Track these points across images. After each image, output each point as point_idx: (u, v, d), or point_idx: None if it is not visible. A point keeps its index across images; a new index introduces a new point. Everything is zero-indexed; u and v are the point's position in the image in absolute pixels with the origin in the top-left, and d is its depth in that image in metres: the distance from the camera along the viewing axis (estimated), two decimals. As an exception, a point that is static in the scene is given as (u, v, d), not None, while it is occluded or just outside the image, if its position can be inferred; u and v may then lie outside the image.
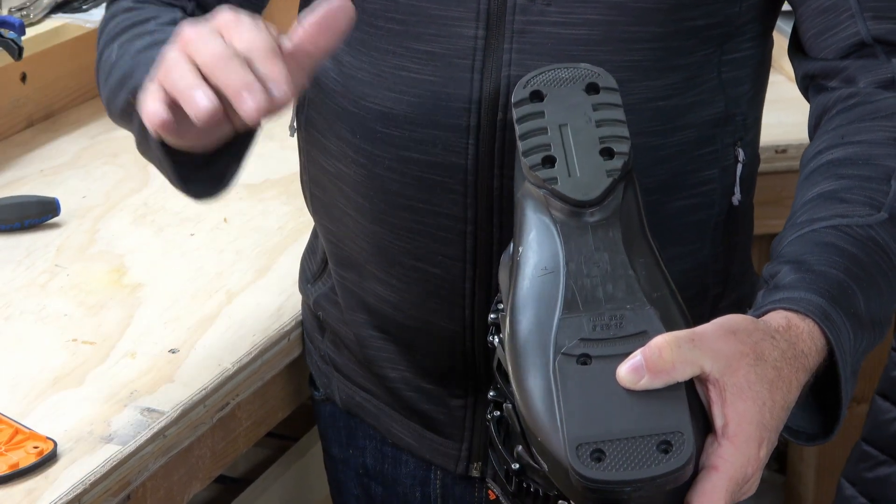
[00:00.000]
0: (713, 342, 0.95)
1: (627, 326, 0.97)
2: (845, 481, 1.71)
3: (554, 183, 1.03)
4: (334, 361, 1.41)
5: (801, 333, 0.99)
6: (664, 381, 0.93)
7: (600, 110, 1.06)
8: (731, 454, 0.93)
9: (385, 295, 1.29)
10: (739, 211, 1.29)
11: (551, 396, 0.94)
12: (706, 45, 1.21)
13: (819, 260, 1.04)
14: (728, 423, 0.94)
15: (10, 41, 1.80)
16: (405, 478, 1.39)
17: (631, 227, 1.03)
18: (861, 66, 1.18)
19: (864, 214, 1.07)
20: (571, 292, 0.99)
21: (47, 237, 1.66)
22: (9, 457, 1.25)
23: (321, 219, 1.35)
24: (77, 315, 1.49)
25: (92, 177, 1.83)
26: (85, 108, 2.05)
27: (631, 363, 0.94)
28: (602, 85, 1.07)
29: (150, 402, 1.35)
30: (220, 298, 1.53)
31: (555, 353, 0.96)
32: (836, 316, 1.01)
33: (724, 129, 1.24)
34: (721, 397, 0.94)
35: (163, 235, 1.67)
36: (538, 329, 0.98)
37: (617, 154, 1.04)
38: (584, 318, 0.98)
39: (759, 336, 0.97)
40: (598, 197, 1.02)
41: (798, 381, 0.98)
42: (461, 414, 1.31)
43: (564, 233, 1.02)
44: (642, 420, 0.93)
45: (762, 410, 0.95)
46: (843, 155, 1.12)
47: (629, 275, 1.00)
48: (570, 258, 1.01)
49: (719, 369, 0.94)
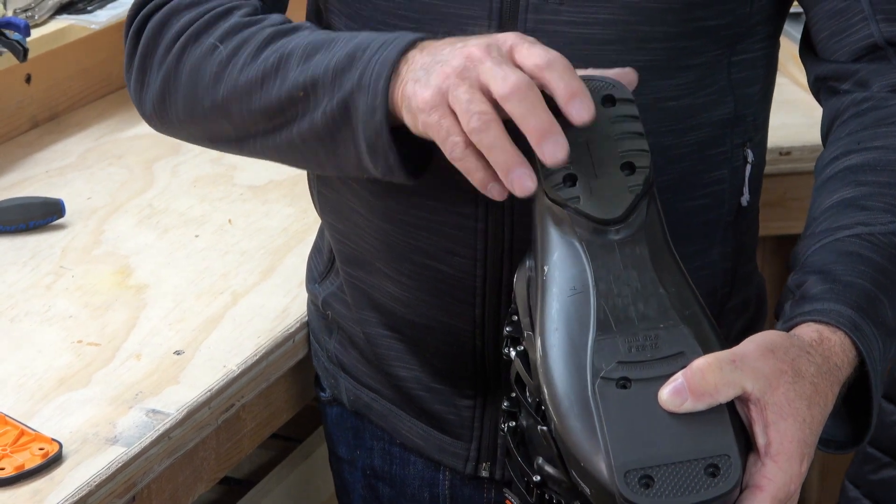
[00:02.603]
0: (753, 362, 0.95)
1: (663, 347, 0.97)
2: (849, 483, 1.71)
3: (577, 202, 1.02)
4: (342, 362, 1.41)
5: (834, 346, 1.00)
6: (707, 404, 0.94)
7: (618, 123, 1.05)
8: (775, 473, 0.94)
9: (395, 293, 1.29)
10: (747, 211, 1.29)
11: (592, 421, 0.94)
12: (717, 46, 1.21)
13: (845, 270, 1.04)
14: (771, 442, 0.95)
15: (15, 42, 1.81)
16: (413, 479, 1.39)
17: (656, 243, 1.03)
18: (874, 69, 1.18)
19: (885, 222, 1.08)
20: (604, 313, 0.98)
21: (52, 238, 1.67)
22: (14, 458, 1.25)
23: (329, 218, 1.35)
24: (82, 316, 1.49)
25: (97, 178, 1.83)
26: (90, 109, 2.05)
27: (673, 386, 0.94)
28: (618, 97, 1.06)
29: (155, 403, 1.35)
30: (225, 300, 1.53)
31: (593, 376, 0.96)
32: (866, 327, 1.02)
33: (734, 129, 1.24)
34: (763, 417, 0.95)
35: (168, 237, 1.67)
36: (573, 352, 0.97)
37: (638, 169, 1.03)
38: (619, 340, 0.97)
39: (796, 353, 0.98)
40: (622, 214, 1.02)
41: (833, 394, 0.99)
42: (470, 414, 1.31)
43: (591, 252, 1.01)
44: (688, 444, 0.93)
45: (802, 427, 0.96)
46: (860, 161, 1.13)
47: (660, 293, 1.00)
48: (599, 277, 1.00)
49: (760, 389, 0.95)
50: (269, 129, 1.18)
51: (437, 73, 1.04)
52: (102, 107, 2.06)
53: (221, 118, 1.21)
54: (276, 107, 1.16)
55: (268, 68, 1.16)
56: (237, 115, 1.19)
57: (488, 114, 1.01)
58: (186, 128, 1.26)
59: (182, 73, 1.22)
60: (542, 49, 1.03)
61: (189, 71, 1.22)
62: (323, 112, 1.13)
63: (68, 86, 2.03)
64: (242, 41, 1.19)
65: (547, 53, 1.02)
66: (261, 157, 1.24)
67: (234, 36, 1.20)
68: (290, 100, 1.15)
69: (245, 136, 1.21)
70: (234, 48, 1.19)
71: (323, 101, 1.12)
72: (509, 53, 1.03)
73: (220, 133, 1.23)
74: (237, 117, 1.20)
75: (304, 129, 1.15)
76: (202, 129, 1.24)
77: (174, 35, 1.23)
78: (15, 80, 1.93)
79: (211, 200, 1.76)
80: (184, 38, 1.23)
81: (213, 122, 1.22)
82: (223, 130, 1.22)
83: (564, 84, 1.01)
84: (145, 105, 1.27)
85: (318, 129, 1.14)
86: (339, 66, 1.11)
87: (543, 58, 1.02)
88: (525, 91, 1.00)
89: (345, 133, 1.12)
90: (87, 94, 2.06)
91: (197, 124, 1.24)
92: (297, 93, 1.14)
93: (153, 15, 1.26)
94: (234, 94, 1.19)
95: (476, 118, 1.01)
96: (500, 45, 1.03)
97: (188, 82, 1.22)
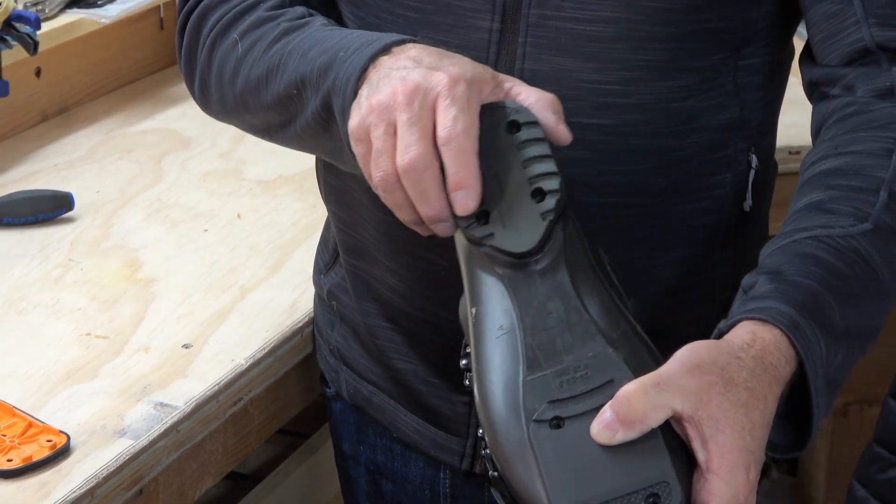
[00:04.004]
0: (679, 380, 0.94)
1: (593, 377, 0.96)
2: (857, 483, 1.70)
3: (492, 239, 1.01)
4: (343, 355, 1.41)
5: (768, 345, 0.99)
6: (640, 431, 0.93)
7: (525, 148, 1.04)
8: (720, 487, 0.93)
9: (394, 284, 1.29)
10: (751, 218, 1.28)
11: (531, 467, 0.94)
12: (722, 49, 1.20)
13: (795, 271, 1.03)
14: (711, 457, 0.94)
15: (26, 35, 1.81)
16: (415, 476, 1.39)
17: (578, 266, 1.01)
18: (861, 73, 1.17)
19: (846, 225, 1.06)
20: (531, 350, 0.98)
21: (61, 231, 1.67)
22: (22, 450, 1.25)
23: (333, 206, 1.35)
24: (91, 309, 1.50)
25: (106, 172, 1.83)
26: (99, 103, 2.05)
27: (602, 420, 0.94)
28: (522, 121, 1.04)
29: (163, 396, 1.35)
30: (234, 294, 1.53)
31: (527, 420, 0.95)
32: (807, 326, 1.00)
33: (738, 133, 1.24)
34: (699, 432, 0.94)
35: (176, 231, 1.67)
36: (507, 395, 0.97)
37: (548, 193, 1.02)
38: (550, 376, 0.96)
39: (725, 361, 0.96)
40: (537, 245, 1.00)
41: (773, 394, 0.98)
42: (465, 410, 1.31)
43: (513, 286, 1.00)
44: (626, 476, 0.92)
45: (742, 435, 0.94)
46: (833, 165, 1.12)
47: (585, 319, 0.99)
48: (524, 313, 0.99)
49: (691, 406, 0.94)
50: (280, 124, 1.20)
51: (366, 103, 1.05)
52: (112, 101, 2.06)
53: (244, 111, 1.24)
54: (278, 103, 1.18)
55: (272, 65, 1.18)
56: (253, 108, 1.22)
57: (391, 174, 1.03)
58: (226, 118, 1.30)
59: (213, 68, 1.25)
60: (452, 117, 1.02)
61: (217, 66, 1.25)
62: (312, 110, 1.14)
63: (78, 80, 2.03)
64: (258, 38, 1.21)
65: (454, 125, 1.02)
66: (291, 147, 1.26)
67: (252, 32, 1.22)
68: (287, 97, 1.17)
69: (267, 128, 1.24)
70: (250, 44, 1.21)
71: (311, 99, 1.14)
72: (432, 105, 1.03)
73: (249, 124, 1.26)
74: (254, 111, 1.22)
75: (303, 125, 1.17)
76: (236, 119, 1.28)
77: (208, 30, 1.26)
78: (25, 74, 1.93)
79: (220, 195, 1.76)
80: (214, 33, 1.25)
81: (240, 114, 1.25)
82: (250, 122, 1.25)
83: (454, 172, 1.02)
84: (195, 96, 1.31)
85: (312, 125, 1.16)
86: (323, 66, 1.12)
87: (447, 131, 1.02)
88: (419, 174, 1.02)
89: (336, 129, 1.13)
90: (97, 88, 2.06)
91: (230, 115, 1.28)
92: (292, 90, 1.16)
93: (194, 10, 1.29)
94: (247, 89, 1.21)
95: (380, 174, 1.04)
96: (428, 92, 1.03)
97: (217, 76, 1.25)
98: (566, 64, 1.17)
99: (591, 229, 1.19)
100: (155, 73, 2.16)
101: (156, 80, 2.14)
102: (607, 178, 1.20)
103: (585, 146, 1.18)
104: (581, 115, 1.17)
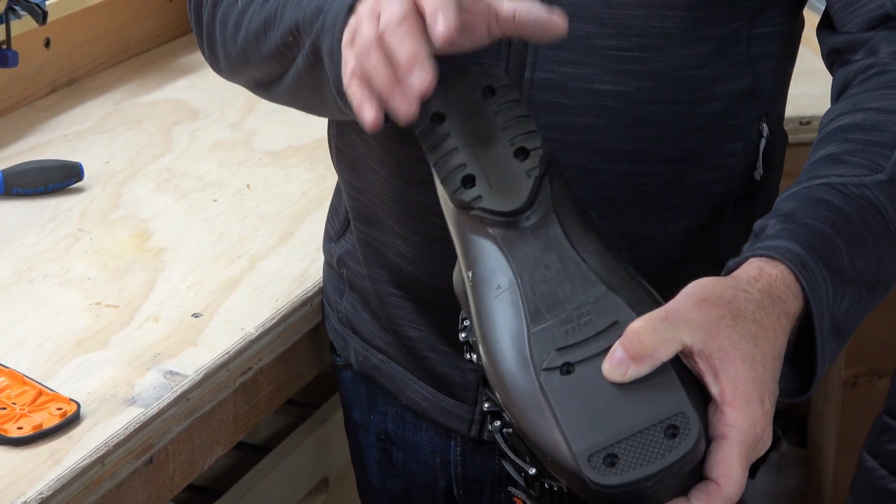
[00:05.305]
0: (687, 314, 0.95)
1: (597, 322, 0.97)
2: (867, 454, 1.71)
3: (480, 201, 1.02)
4: (352, 323, 1.41)
5: (775, 280, 0.99)
6: (650, 366, 0.93)
7: (502, 112, 1.05)
8: (736, 419, 0.93)
9: (404, 251, 1.29)
10: (762, 186, 1.28)
11: (547, 416, 0.94)
12: (737, 18, 1.20)
13: (807, 213, 1.04)
14: (724, 388, 0.94)
15: (35, 6, 1.81)
16: (425, 444, 1.39)
17: (569, 218, 1.02)
18: (884, 37, 1.17)
19: (861, 175, 1.07)
20: (532, 303, 0.98)
21: (71, 201, 1.67)
22: (33, 418, 1.25)
23: (345, 173, 1.35)
24: (100, 279, 1.50)
25: (115, 142, 1.83)
26: (109, 73, 2.05)
27: (613, 357, 0.94)
28: (497, 85, 1.06)
29: (172, 365, 1.35)
30: (244, 263, 1.53)
31: (536, 371, 0.96)
32: (814, 265, 1.01)
33: (750, 102, 1.24)
34: (710, 365, 0.94)
35: (186, 201, 1.67)
36: (512, 351, 0.97)
37: (531, 151, 1.03)
38: (554, 325, 0.97)
39: (731, 294, 0.97)
40: (526, 201, 1.01)
41: (782, 326, 0.98)
42: (474, 377, 1.31)
43: (507, 245, 1.01)
44: (642, 411, 0.93)
45: (754, 366, 0.95)
46: (852, 121, 1.12)
47: (582, 268, 1.00)
48: (521, 269, 1.00)
49: (700, 339, 0.94)
50: (278, 75, 1.21)
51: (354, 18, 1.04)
52: (121, 71, 2.06)
53: (247, 65, 1.24)
54: (276, 53, 1.18)
55: (269, 16, 1.18)
56: (255, 61, 1.22)
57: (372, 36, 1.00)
58: (233, 76, 1.30)
59: (217, 24, 1.26)
60: None
61: (220, 22, 1.25)
62: (303, 56, 1.14)
63: (87, 50, 2.03)
64: None
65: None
66: (290, 105, 1.26)
67: None
68: (284, 45, 1.17)
69: (268, 82, 1.23)
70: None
71: (304, 45, 1.14)
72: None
73: (254, 79, 1.26)
74: (256, 64, 1.22)
75: (295, 74, 1.17)
76: (242, 75, 1.28)
77: None
78: (34, 44, 1.93)
79: (229, 165, 1.76)
80: None
81: (244, 68, 1.25)
82: (254, 76, 1.25)
83: (430, 4, 0.98)
84: (205, 55, 1.32)
85: (302, 73, 1.16)
86: (314, 9, 1.12)
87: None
88: (396, 24, 0.99)
89: (321, 76, 1.12)
90: (106, 58, 2.06)
91: (236, 72, 1.28)
92: (287, 38, 1.16)
93: None
94: (247, 42, 1.22)
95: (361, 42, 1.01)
96: None
97: (221, 34, 1.25)
98: (582, 30, 1.16)
99: (605, 196, 1.19)
100: (164, 44, 2.16)
101: (165, 51, 2.14)
102: (621, 145, 1.19)
103: (600, 113, 1.18)
104: (596, 81, 1.17)
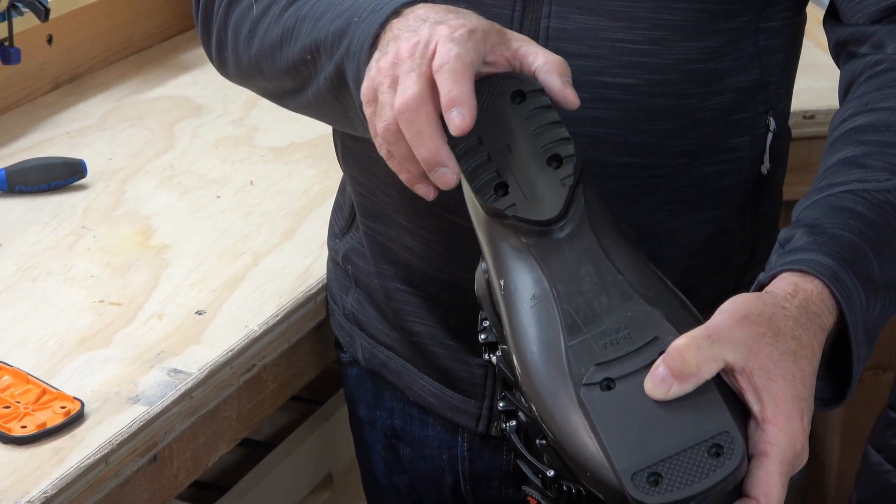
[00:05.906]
0: (729, 332, 0.94)
1: (636, 337, 0.96)
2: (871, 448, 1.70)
3: (514, 209, 1.00)
4: (358, 319, 1.41)
5: (811, 296, 0.99)
6: (693, 384, 0.93)
7: (534, 117, 1.03)
8: (777, 437, 0.93)
9: (412, 246, 1.29)
10: (768, 180, 1.28)
11: (588, 431, 0.93)
12: (746, 11, 1.20)
13: (833, 223, 1.04)
14: (765, 406, 0.94)
15: (37, 2, 1.80)
16: (433, 439, 1.39)
17: (603, 228, 1.01)
18: (891, 30, 1.17)
19: (882, 179, 1.07)
20: (569, 316, 0.97)
21: (74, 199, 1.67)
22: (36, 416, 1.25)
23: (351, 170, 1.35)
24: (104, 276, 1.50)
25: (118, 139, 1.83)
26: (111, 70, 2.04)
27: (656, 375, 0.94)
28: (527, 90, 1.04)
29: (176, 363, 1.35)
30: (247, 260, 1.53)
31: (575, 386, 0.94)
32: (847, 277, 1.01)
33: (757, 97, 1.24)
34: (752, 383, 0.94)
35: (189, 198, 1.67)
36: (550, 364, 0.96)
37: (565, 159, 1.01)
38: (592, 339, 0.96)
39: (771, 311, 0.97)
40: (561, 211, 1.00)
41: (818, 342, 0.98)
42: (482, 372, 1.31)
43: (541, 255, 1.00)
44: (685, 430, 0.92)
45: (794, 384, 0.95)
46: (866, 122, 1.12)
47: (619, 279, 0.98)
48: (556, 280, 0.98)
49: (742, 357, 0.94)
50: (294, 89, 1.21)
51: (375, 66, 1.06)
52: (123, 68, 2.05)
53: (258, 75, 1.24)
54: (292, 68, 1.19)
55: (286, 30, 1.18)
56: (268, 73, 1.22)
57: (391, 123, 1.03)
58: (241, 82, 1.30)
59: (229, 31, 1.26)
60: (446, 49, 1.02)
61: (233, 29, 1.25)
62: (325, 77, 1.14)
63: (90, 47, 2.03)
64: (272, 1, 1.21)
65: (446, 54, 1.02)
66: (304, 114, 1.26)
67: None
68: (302, 62, 1.17)
69: (281, 93, 1.24)
70: (265, 7, 1.22)
71: (325, 65, 1.14)
72: (432, 52, 1.03)
73: (263, 88, 1.27)
74: (269, 75, 1.22)
75: (316, 92, 1.17)
76: (251, 83, 1.28)
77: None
78: (37, 41, 1.93)
79: (232, 162, 1.76)
80: None
81: (255, 78, 1.25)
82: (264, 86, 1.26)
83: (446, 91, 1.01)
84: (212, 59, 1.32)
85: (325, 92, 1.16)
86: (337, 31, 1.12)
87: (439, 59, 1.02)
88: (413, 113, 1.02)
89: (347, 98, 1.13)
90: (109, 55, 2.06)
91: (245, 79, 1.28)
92: (306, 56, 1.16)
93: None
94: (262, 53, 1.21)
95: (382, 125, 1.04)
96: (429, 42, 1.03)
97: (233, 40, 1.25)
98: (592, 22, 1.16)
99: (613, 190, 1.19)
100: (166, 40, 2.15)
101: (167, 47, 2.13)
102: (630, 138, 1.19)
103: (609, 105, 1.18)
104: (605, 73, 1.17)
